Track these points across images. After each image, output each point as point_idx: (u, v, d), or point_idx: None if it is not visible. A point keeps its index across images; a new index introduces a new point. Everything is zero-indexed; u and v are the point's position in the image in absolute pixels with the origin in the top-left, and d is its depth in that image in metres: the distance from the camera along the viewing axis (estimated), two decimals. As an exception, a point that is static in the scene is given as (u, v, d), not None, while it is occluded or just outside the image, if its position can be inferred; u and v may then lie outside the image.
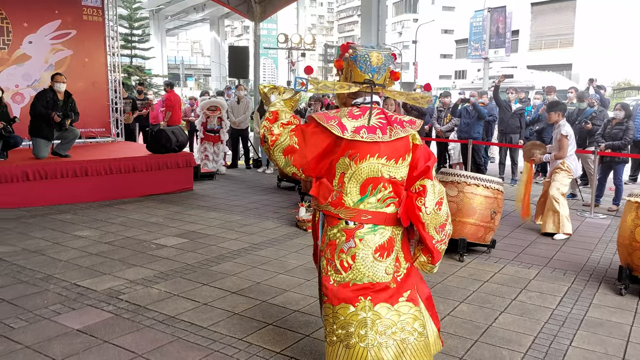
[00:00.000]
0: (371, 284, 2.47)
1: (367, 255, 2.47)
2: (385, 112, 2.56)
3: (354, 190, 2.49)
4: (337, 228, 2.53)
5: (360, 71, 2.54)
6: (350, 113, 2.53)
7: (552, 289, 4.30)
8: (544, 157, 6.25)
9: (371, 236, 2.49)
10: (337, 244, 2.51)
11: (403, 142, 2.52)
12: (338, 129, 2.46)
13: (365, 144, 2.45)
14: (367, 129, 2.46)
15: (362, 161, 2.46)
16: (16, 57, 8.98)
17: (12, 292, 3.91)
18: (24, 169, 6.73)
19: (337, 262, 2.50)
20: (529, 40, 41.90)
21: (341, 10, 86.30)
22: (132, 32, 28.64)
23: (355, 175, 2.47)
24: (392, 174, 2.50)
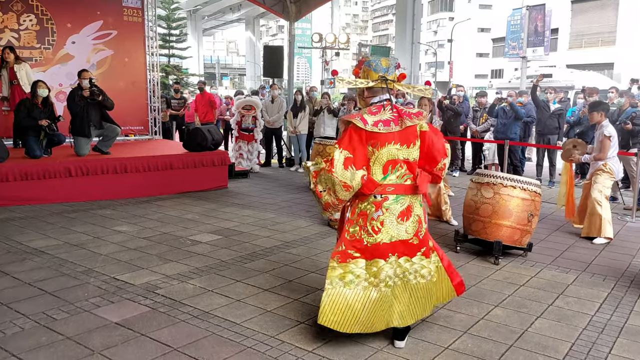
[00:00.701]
0: (397, 242, 3.17)
1: (392, 221, 3.16)
2: (397, 107, 3.20)
3: (378, 171, 3.14)
4: (367, 202, 3.17)
5: (374, 72, 3.22)
6: (370, 110, 3.18)
7: (591, 294, 4.19)
8: (583, 157, 6.08)
9: (394, 206, 3.16)
10: (368, 213, 3.15)
11: (411, 130, 3.18)
12: (361, 122, 3.09)
13: (382, 134, 3.10)
14: (383, 122, 3.12)
15: (381, 148, 3.11)
16: (60, 56, 9.30)
17: (54, 285, 4.05)
18: (66, 165, 6.96)
19: (369, 227, 3.15)
20: (568, 39, 40.77)
21: (376, 9, 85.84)
22: (170, 32, 29.26)
23: (378, 159, 3.13)
24: (406, 155, 3.17)
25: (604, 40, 38.25)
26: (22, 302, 3.72)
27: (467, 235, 5.27)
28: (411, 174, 3.19)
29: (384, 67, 3.22)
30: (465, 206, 5.26)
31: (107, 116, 7.74)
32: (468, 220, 5.21)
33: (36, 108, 7.17)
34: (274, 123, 10.66)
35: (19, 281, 4.11)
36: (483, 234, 5.03)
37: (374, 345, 3.23)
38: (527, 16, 32.44)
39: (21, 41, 8.81)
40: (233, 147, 10.47)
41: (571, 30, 40.51)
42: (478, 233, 5.08)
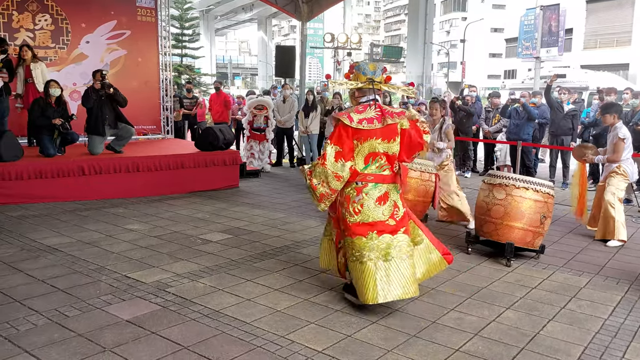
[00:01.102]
0: (374, 222, 3.64)
1: (370, 204, 3.65)
2: (381, 107, 3.69)
3: (360, 162, 3.67)
4: (350, 187, 3.69)
5: (363, 75, 3.73)
6: (356, 109, 3.70)
7: (604, 298, 4.14)
8: (596, 158, 6.01)
9: (373, 191, 3.67)
10: (351, 197, 3.68)
11: (392, 127, 3.66)
12: (347, 120, 3.62)
13: (365, 130, 3.62)
14: (367, 120, 3.63)
15: (364, 142, 3.62)
16: (74, 56, 9.39)
17: (67, 282, 4.09)
18: (80, 164, 7.03)
19: (350, 209, 3.66)
20: (583, 39, 40.33)
21: (388, 9, 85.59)
22: (182, 32, 29.43)
23: (361, 151, 3.65)
24: (386, 149, 3.67)
25: (620, 41, 37.77)
26: (35, 298, 3.76)
27: (479, 237, 5.23)
28: (390, 165, 3.72)
29: (372, 70, 3.73)
30: (477, 207, 5.23)
31: (121, 116, 7.81)
32: (480, 222, 5.18)
33: (50, 107, 7.24)
34: (285, 123, 10.67)
35: (32, 278, 4.16)
36: (495, 236, 4.99)
37: (385, 346, 3.22)
38: (541, 16, 32.17)
39: (36, 41, 8.90)
40: (244, 146, 10.50)
41: (586, 30, 40.06)
42: (490, 234, 5.04)
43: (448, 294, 4.11)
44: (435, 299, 3.99)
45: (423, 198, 6.11)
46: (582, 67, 35.55)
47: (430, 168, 6.16)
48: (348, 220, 3.68)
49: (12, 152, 6.79)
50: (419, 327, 3.50)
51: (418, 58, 39.14)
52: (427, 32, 39.17)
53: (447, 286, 4.29)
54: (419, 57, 39.12)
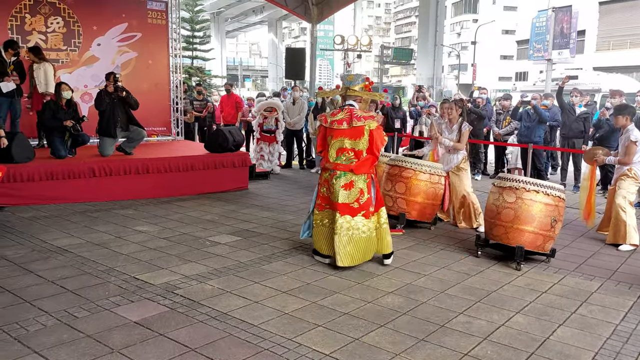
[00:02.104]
0: (338, 203, 4.57)
1: (338, 187, 4.60)
2: (351, 110, 4.68)
3: (333, 154, 4.67)
4: (327, 173, 4.71)
5: (343, 84, 5.05)
6: (333, 112, 4.74)
7: (616, 303, 4.09)
8: (608, 159, 5.94)
9: (340, 179, 4.62)
10: (328, 180, 4.67)
11: (359, 128, 4.59)
12: (323, 121, 4.73)
13: (335, 130, 4.65)
14: (337, 122, 4.65)
15: (335, 139, 4.65)
16: (86, 58, 9.46)
17: (76, 283, 4.12)
18: (90, 165, 7.08)
19: (329, 189, 4.67)
20: (596, 41, 40.00)
21: (398, 11, 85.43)
22: (193, 34, 29.55)
23: (333, 146, 4.66)
24: (353, 146, 4.62)
25: (633, 42, 37.37)
26: (45, 299, 3.79)
27: (489, 240, 5.19)
28: (357, 158, 4.60)
29: (349, 80, 4.89)
30: (487, 210, 5.19)
31: (133, 118, 7.86)
32: (489, 225, 5.14)
33: (61, 109, 7.31)
34: (295, 125, 10.68)
35: (42, 279, 4.19)
36: (505, 239, 4.95)
37: (393, 349, 3.20)
38: (553, 18, 31.91)
39: (48, 43, 8.99)
40: (254, 148, 10.52)
41: (599, 32, 39.72)
42: (499, 238, 5.00)
43: (456, 298, 4.07)
44: (444, 303, 3.96)
45: (432, 201, 6.08)
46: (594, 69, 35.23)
47: (439, 171, 6.13)
48: (330, 198, 4.67)
49: (24, 153, 6.86)
50: (427, 330, 3.48)
51: (428, 60, 39.02)
52: (438, 34, 39.03)
53: (455, 290, 4.25)
54: (429, 59, 38.99)
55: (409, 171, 6.01)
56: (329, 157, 4.68)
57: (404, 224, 6.01)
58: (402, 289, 4.24)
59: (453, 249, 5.44)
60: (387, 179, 6.23)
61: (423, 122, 10.77)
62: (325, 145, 4.73)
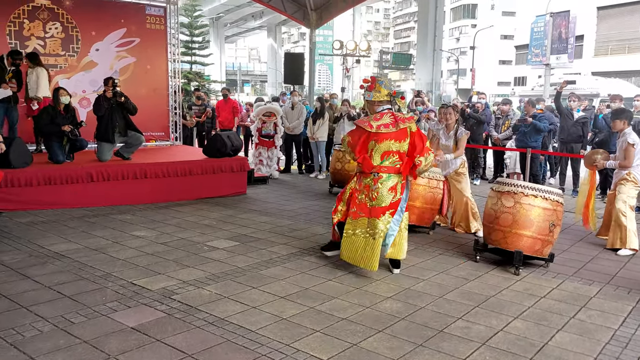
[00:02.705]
0: (386, 206, 4.59)
1: (385, 191, 4.60)
2: (394, 114, 4.63)
3: (377, 157, 4.60)
4: (369, 178, 4.64)
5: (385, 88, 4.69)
6: (375, 117, 4.64)
7: (615, 308, 4.07)
8: (608, 163, 5.93)
9: (387, 182, 4.62)
10: (370, 186, 4.62)
11: (403, 130, 4.59)
12: (368, 127, 4.57)
13: (383, 134, 4.55)
14: (384, 125, 4.56)
15: (381, 143, 4.56)
16: (84, 64, 9.47)
17: (73, 288, 4.10)
18: (88, 170, 7.07)
19: (370, 195, 4.61)
20: (594, 46, 40.11)
21: (397, 17, 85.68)
22: (192, 39, 29.64)
23: (378, 150, 4.59)
24: (398, 148, 4.60)
25: (631, 47, 37.48)
26: (41, 305, 3.77)
27: (487, 245, 5.18)
28: (401, 160, 4.63)
29: (389, 85, 4.73)
30: (485, 215, 5.18)
31: (131, 123, 7.86)
32: (488, 230, 5.13)
33: (59, 115, 7.30)
34: (293, 129, 10.68)
35: (39, 284, 4.17)
36: (503, 244, 4.93)
37: (391, 355, 3.18)
38: (551, 23, 32.02)
39: (47, 48, 9.00)
40: (253, 153, 10.52)
41: (597, 36, 39.83)
42: (498, 242, 4.99)
43: (455, 303, 4.06)
44: (442, 308, 3.95)
45: (431, 205, 6.07)
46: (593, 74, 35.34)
47: (438, 175, 6.12)
48: (369, 205, 4.61)
49: (22, 158, 6.85)
50: (425, 336, 3.46)
51: (427, 65, 39.14)
52: (437, 39, 39.18)
53: (454, 295, 4.24)
54: (428, 64, 39.12)
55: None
56: (372, 161, 4.58)
57: (402, 229, 6.00)
58: (400, 294, 4.22)
59: (452, 254, 5.42)
60: (385, 183, 6.22)
61: (422, 127, 10.77)
62: (365, 150, 4.62)
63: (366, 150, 4.61)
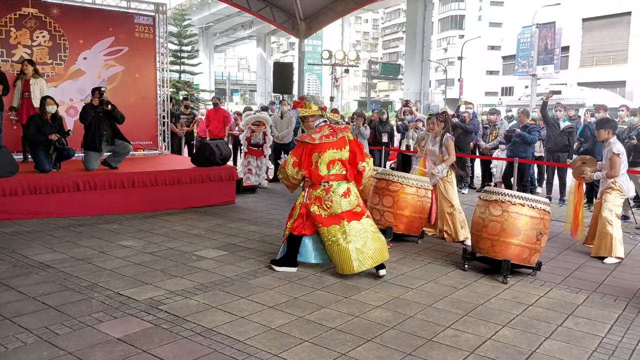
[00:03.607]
0: (342, 212, 4.76)
1: (337, 198, 4.78)
2: (330, 125, 4.91)
3: (324, 168, 4.80)
4: (320, 189, 4.80)
5: (314, 104, 4.97)
6: (315, 130, 4.86)
7: (602, 315, 4.10)
8: (595, 175, 5.99)
9: (338, 189, 4.80)
10: (322, 197, 4.79)
11: (342, 139, 4.85)
12: (310, 140, 4.79)
13: (325, 144, 4.77)
14: (324, 136, 4.79)
15: (324, 153, 4.76)
16: (71, 72, 9.41)
17: (58, 299, 4.04)
18: (75, 179, 7.00)
19: (323, 205, 4.78)
20: (579, 57, 40.72)
21: (386, 27, 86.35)
22: (181, 48, 29.59)
23: (323, 160, 4.78)
24: (340, 156, 4.83)
25: (616, 58, 38.10)
26: (25, 316, 3.71)
27: (475, 253, 5.20)
28: (344, 167, 4.85)
29: (318, 102, 5.05)
30: (474, 224, 5.20)
31: (119, 132, 7.80)
32: (476, 238, 5.15)
33: (46, 124, 7.24)
34: (283, 138, 10.68)
35: (23, 295, 4.11)
36: (491, 252, 4.95)
37: (378, 365, 3.17)
38: (537, 34, 32.43)
39: (34, 57, 8.91)
40: (242, 162, 10.50)
41: (582, 48, 40.45)
42: (486, 251, 5.01)
43: (443, 311, 4.06)
44: (431, 316, 3.95)
45: (420, 214, 6.09)
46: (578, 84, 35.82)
47: (426, 184, 6.15)
48: (323, 214, 4.76)
49: (7, 167, 6.76)
50: (414, 345, 3.46)
51: (416, 75, 39.43)
52: (425, 49, 39.50)
53: (443, 303, 4.24)
54: (416, 74, 39.40)
55: (396, 185, 6.02)
56: (319, 172, 4.76)
57: (391, 238, 6.00)
58: (389, 302, 4.21)
59: (440, 263, 5.43)
60: (374, 192, 6.23)
61: (410, 136, 10.84)
62: (310, 164, 4.79)
63: (310, 163, 4.78)
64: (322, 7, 14.55)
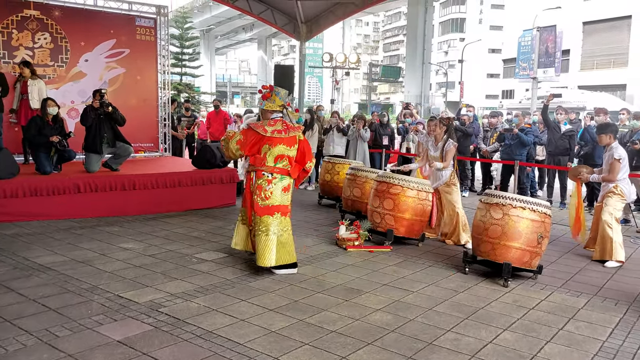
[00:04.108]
0: (278, 205, 4.92)
1: (278, 191, 4.93)
2: (285, 122, 5.01)
3: (271, 160, 4.92)
4: (262, 179, 4.93)
5: (280, 99, 5.06)
6: (269, 123, 4.98)
7: (603, 319, 4.09)
8: (592, 176, 6.00)
9: (280, 182, 4.95)
10: (263, 186, 4.91)
11: (293, 137, 5.01)
12: (263, 131, 4.91)
13: (276, 138, 4.90)
14: (277, 131, 4.92)
15: (274, 147, 4.91)
16: (73, 74, 9.43)
17: (58, 301, 4.04)
18: (75, 181, 7.00)
19: (263, 195, 4.90)
20: (580, 60, 40.76)
21: (387, 30, 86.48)
22: (182, 50, 29.60)
23: (272, 153, 4.92)
24: (288, 153, 4.98)
25: (616, 62, 38.12)
26: (25, 318, 3.70)
27: (476, 257, 5.20)
28: (290, 164, 5.01)
29: (284, 97, 5.10)
30: (474, 227, 5.20)
31: (120, 134, 7.81)
32: (477, 241, 5.14)
33: (47, 125, 7.25)
34: (283, 141, 10.66)
35: (23, 297, 4.11)
36: (492, 256, 4.95)
37: (379, 368, 3.17)
38: (538, 37, 32.50)
39: (35, 59, 8.94)
40: (242, 164, 10.49)
41: (583, 51, 40.49)
42: (487, 254, 5.00)
43: (444, 314, 4.05)
44: (432, 320, 3.94)
45: (420, 217, 6.08)
46: (579, 87, 35.85)
47: (427, 187, 6.15)
48: (260, 204, 4.90)
49: (8, 169, 6.77)
50: (415, 348, 3.45)
51: (416, 78, 39.44)
52: (426, 52, 39.52)
53: (443, 307, 4.24)
54: (417, 77, 39.41)
55: (396, 187, 6.02)
56: (266, 163, 4.91)
57: (391, 241, 6.00)
58: (390, 306, 4.21)
59: (441, 266, 5.43)
60: (375, 195, 6.23)
61: (410, 139, 10.84)
62: (255, 151, 4.95)
63: (256, 150, 4.95)
64: (323, 10, 14.57)
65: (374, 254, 5.76)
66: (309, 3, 13.98)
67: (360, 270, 5.15)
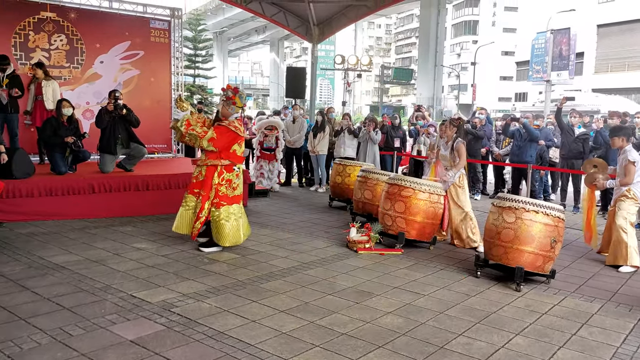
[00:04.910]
0: (240, 195, 5.71)
1: (241, 183, 5.71)
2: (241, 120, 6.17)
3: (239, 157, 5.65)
4: (231, 174, 5.58)
5: (241, 102, 5.65)
6: (239, 123, 5.66)
7: (617, 325, 4.05)
8: (608, 182, 5.93)
9: (241, 175, 5.70)
10: (232, 179, 5.59)
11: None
12: (241, 132, 5.61)
13: (243, 137, 5.65)
14: (243, 130, 5.66)
15: (241, 144, 5.65)
16: (88, 76, 9.53)
17: (72, 300, 4.08)
18: (90, 181, 7.08)
19: (232, 187, 5.59)
20: (594, 63, 40.32)
21: (399, 32, 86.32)
22: (196, 52, 29.81)
23: (239, 150, 5.60)
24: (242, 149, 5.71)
25: (631, 65, 37.65)
26: (40, 317, 3.75)
27: (488, 260, 5.17)
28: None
29: (244, 99, 5.76)
30: (486, 230, 5.17)
31: (134, 135, 7.89)
32: (489, 245, 5.12)
33: (62, 126, 7.34)
34: (294, 143, 10.71)
35: (38, 296, 4.16)
36: (504, 260, 4.92)
37: (390, 371, 3.16)
38: (552, 40, 32.25)
39: (51, 60, 9.06)
40: (254, 166, 10.54)
41: (597, 54, 40.03)
42: (499, 258, 4.97)
43: (456, 318, 4.04)
44: (443, 324, 3.93)
45: (432, 220, 6.07)
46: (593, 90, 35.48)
47: (439, 190, 6.13)
48: (229, 195, 5.55)
49: (24, 169, 6.86)
50: (426, 352, 3.44)
51: (429, 80, 39.31)
52: (438, 54, 39.38)
53: (455, 310, 4.22)
54: (429, 79, 39.28)
55: (408, 190, 6.01)
56: (237, 158, 5.62)
57: (403, 244, 5.99)
58: (401, 309, 4.20)
59: (452, 269, 5.40)
60: (386, 197, 6.22)
61: (422, 142, 10.81)
62: (228, 148, 5.51)
63: (229, 148, 5.50)
64: (335, 12, 14.60)
65: (385, 257, 5.75)
66: (321, 5, 14.01)
67: (371, 272, 5.15)
